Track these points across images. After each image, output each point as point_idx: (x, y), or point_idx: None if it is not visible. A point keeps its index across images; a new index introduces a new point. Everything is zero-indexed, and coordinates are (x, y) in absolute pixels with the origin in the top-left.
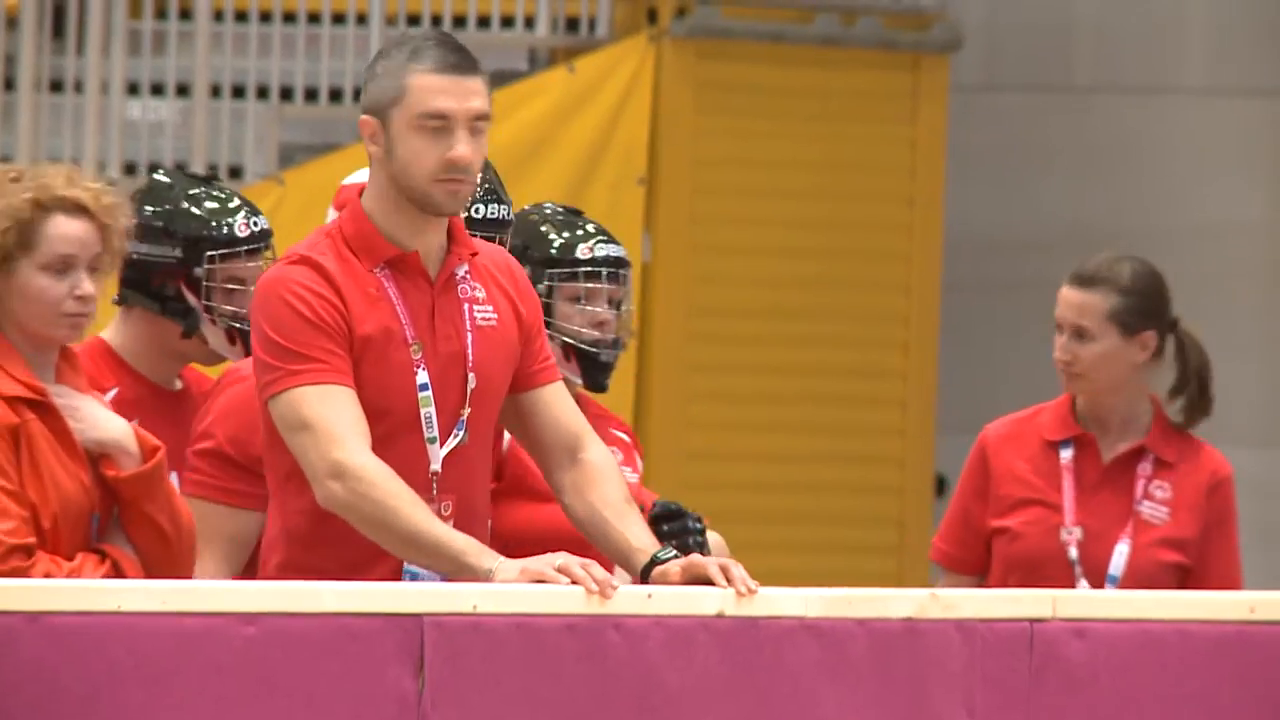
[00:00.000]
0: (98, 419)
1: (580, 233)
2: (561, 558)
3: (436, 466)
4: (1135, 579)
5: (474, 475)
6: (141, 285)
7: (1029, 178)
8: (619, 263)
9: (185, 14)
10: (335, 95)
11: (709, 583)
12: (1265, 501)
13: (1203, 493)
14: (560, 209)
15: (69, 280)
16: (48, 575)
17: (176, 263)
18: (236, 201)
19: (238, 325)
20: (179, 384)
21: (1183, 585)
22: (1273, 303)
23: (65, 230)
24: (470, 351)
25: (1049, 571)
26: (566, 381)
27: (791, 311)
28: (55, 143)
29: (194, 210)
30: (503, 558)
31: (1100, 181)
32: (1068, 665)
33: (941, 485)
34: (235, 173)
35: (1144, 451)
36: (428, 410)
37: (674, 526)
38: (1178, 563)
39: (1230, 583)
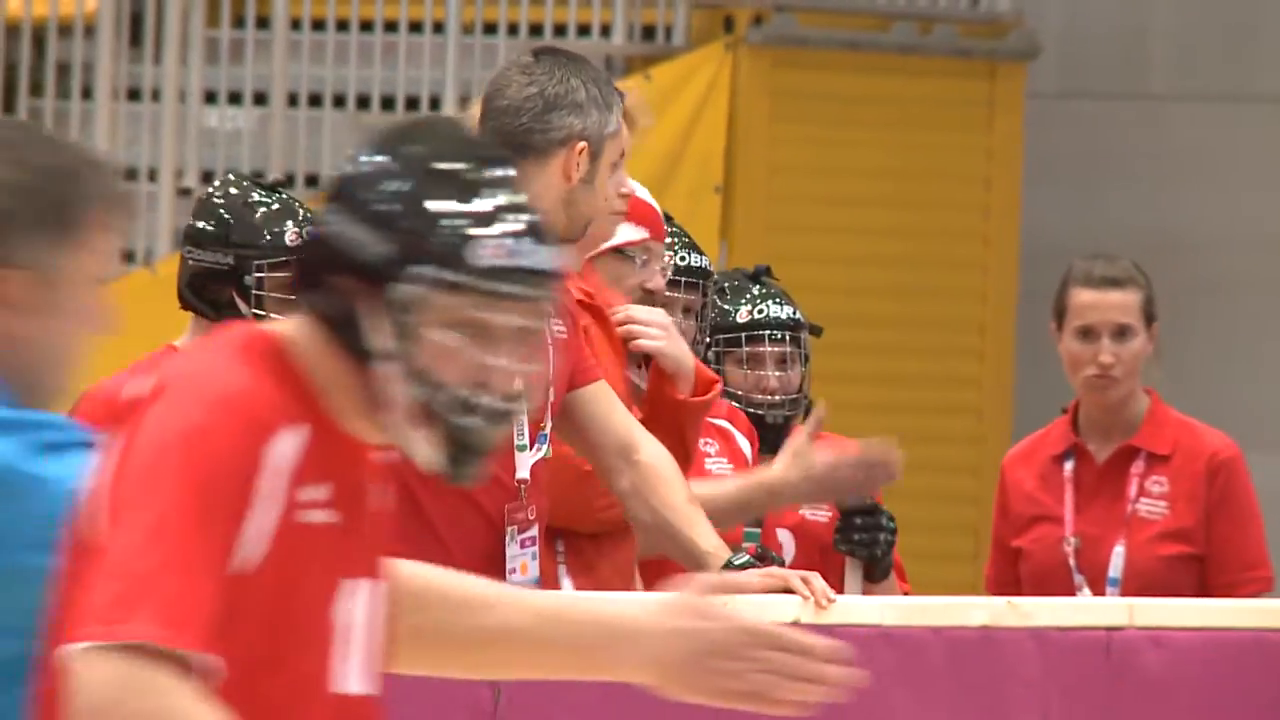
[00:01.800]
0: (675, 334)
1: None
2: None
3: (524, 474)
4: (1137, 579)
5: (544, 490)
6: (198, 292)
7: (1106, 186)
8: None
9: (263, 22)
10: (412, 103)
11: (788, 593)
12: None
13: (1201, 479)
14: None
15: (617, 179)
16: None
17: (228, 270)
18: (292, 209)
19: None
20: None
21: (1199, 576)
22: None
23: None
24: (551, 365)
25: (1054, 584)
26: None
27: (867, 320)
28: (133, 151)
29: (246, 218)
30: None
31: (1178, 189)
32: (1145, 674)
33: None
34: (312, 181)
35: (1134, 450)
36: (520, 418)
37: (866, 521)
38: (1185, 554)
39: (1249, 563)
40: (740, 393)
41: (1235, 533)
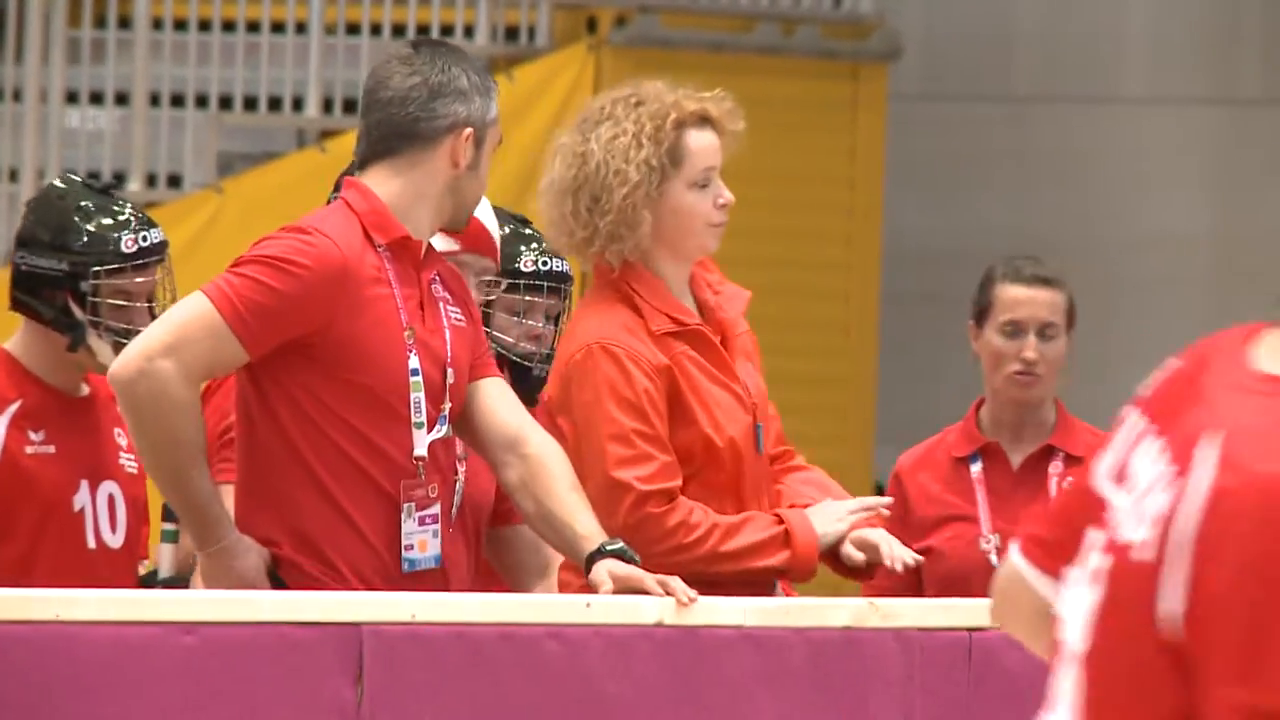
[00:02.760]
0: None
1: (523, 245)
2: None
3: (422, 451)
4: None
5: (453, 470)
6: (32, 296)
7: (968, 187)
8: (561, 278)
9: (124, 23)
10: (274, 104)
11: (644, 593)
12: None
13: None
14: (509, 216)
15: (710, 191)
16: (683, 524)
17: (64, 276)
18: (127, 216)
19: (125, 341)
20: (85, 389)
21: None
22: (1214, 312)
23: (704, 143)
24: (449, 348)
25: (975, 583)
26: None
27: None
28: None
29: (81, 224)
30: (247, 542)
31: (1040, 191)
32: (1006, 674)
33: (881, 494)
34: (174, 181)
35: (1052, 450)
36: (417, 395)
37: None
38: None
39: None
40: (511, 340)
41: None
